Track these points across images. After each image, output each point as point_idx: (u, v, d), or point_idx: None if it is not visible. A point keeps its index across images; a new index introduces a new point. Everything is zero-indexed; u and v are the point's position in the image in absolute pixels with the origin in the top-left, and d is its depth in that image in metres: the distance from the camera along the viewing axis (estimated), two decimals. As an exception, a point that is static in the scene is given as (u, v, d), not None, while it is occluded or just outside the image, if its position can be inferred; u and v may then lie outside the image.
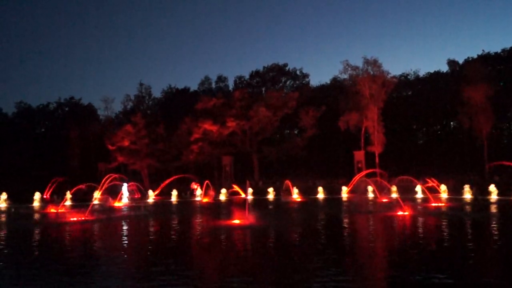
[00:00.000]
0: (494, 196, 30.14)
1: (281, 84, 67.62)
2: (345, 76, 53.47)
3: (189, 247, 13.58)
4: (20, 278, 9.46)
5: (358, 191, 35.66)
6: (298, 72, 68.84)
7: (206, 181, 38.95)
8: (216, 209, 27.52)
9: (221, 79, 72.08)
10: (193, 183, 40.70)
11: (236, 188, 38.69)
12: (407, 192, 32.86)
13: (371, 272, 9.64)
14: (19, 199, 34.55)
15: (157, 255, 12.20)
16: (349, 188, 38.07)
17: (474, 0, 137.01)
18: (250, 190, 36.61)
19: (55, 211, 25.95)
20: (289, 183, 37.54)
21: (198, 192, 37.94)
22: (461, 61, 60.26)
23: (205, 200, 35.73)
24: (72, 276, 9.58)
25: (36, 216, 25.44)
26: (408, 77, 65.43)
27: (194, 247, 13.50)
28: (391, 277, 8.99)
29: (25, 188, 41.82)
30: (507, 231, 15.73)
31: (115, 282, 8.96)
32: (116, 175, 43.48)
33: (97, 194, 36.90)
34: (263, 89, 66.82)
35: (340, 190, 38.00)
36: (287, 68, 68.48)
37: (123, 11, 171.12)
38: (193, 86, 78.76)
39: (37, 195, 34.14)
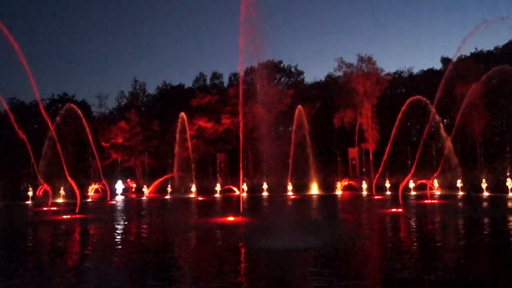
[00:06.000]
0: (486, 193, 30.58)
1: (275, 81, 67.59)
2: (340, 73, 53.66)
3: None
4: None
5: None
6: (292, 69, 68.81)
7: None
8: (209, 207, 27.58)
9: (216, 75, 71.87)
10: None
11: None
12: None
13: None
14: (12, 196, 34.41)
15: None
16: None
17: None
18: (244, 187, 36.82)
19: (46, 208, 25.92)
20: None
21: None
22: (454, 59, 60.55)
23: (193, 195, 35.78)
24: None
25: (27, 214, 25.27)
26: (402, 74, 65.66)
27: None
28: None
29: (18, 185, 41.69)
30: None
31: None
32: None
33: (90, 191, 36.83)
34: (258, 86, 66.72)
35: (335, 187, 38.27)
36: (281, 65, 68.45)
37: (117, 8, 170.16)
38: (188, 83, 78.14)
39: (30, 192, 34.18)
